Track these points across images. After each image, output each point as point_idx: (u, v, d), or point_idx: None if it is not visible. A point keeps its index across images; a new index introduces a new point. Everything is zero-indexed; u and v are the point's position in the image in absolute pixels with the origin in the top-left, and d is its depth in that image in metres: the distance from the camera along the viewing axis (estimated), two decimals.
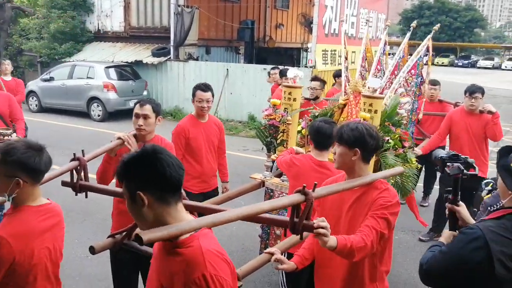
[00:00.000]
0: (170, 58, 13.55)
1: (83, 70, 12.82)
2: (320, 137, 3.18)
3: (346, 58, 5.20)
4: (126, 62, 13.68)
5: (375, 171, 3.44)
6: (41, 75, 14.04)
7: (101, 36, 15.73)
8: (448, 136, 5.57)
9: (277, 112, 4.02)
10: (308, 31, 18.23)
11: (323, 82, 6.21)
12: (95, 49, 15.18)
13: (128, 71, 13.17)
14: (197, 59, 14.26)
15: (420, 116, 5.33)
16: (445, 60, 48.04)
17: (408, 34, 5.07)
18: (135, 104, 3.34)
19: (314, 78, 5.97)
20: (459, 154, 2.30)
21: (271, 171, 4.17)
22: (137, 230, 1.49)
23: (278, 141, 4.07)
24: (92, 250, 2.12)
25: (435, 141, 5.45)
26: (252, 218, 2.04)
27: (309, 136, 3.44)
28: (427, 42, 4.78)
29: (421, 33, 48.06)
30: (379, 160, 3.68)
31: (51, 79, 13.18)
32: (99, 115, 12.52)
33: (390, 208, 2.34)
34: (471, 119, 5.17)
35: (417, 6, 63.17)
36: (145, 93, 13.04)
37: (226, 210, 1.90)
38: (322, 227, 1.96)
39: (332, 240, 2.06)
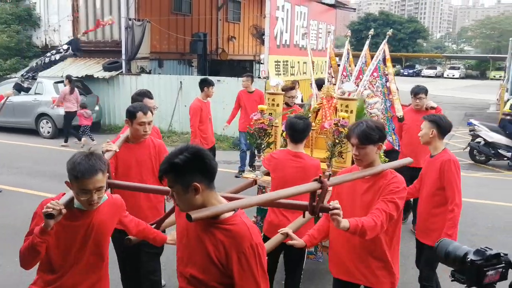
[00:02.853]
0: (122, 72, 13.35)
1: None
2: (294, 131, 3.60)
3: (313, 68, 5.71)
4: (77, 77, 13.36)
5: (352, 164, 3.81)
6: None
7: (49, 51, 15.25)
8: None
9: (265, 117, 4.36)
10: (260, 43, 18.50)
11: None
12: None
13: (79, 86, 12.80)
14: (149, 73, 14.14)
15: (401, 113, 5.64)
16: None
17: (368, 42, 5.63)
18: (135, 112, 3.48)
19: (292, 88, 6.35)
20: (500, 253, 1.57)
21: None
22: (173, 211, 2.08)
23: (267, 142, 4.45)
24: (129, 241, 2.75)
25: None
26: (275, 202, 2.51)
27: (286, 133, 3.78)
28: (383, 46, 5.30)
29: (369, 45, 49.45)
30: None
31: None
32: (48, 132, 12.12)
33: (398, 193, 2.68)
34: (419, 116, 5.48)
35: (363, 18, 65.62)
36: (96, 108, 12.77)
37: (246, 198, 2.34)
38: (337, 209, 2.31)
39: (345, 222, 2.38)
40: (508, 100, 10.05)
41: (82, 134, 11.43)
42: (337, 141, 4.04)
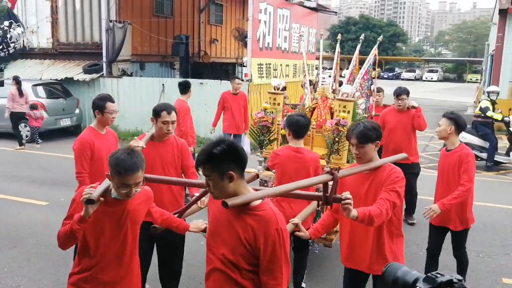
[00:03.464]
0: (102, 74, 13.19)
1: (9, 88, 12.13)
2: (299, 127, 4.00)
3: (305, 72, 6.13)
4: (56, 79, 13.16)
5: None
6: None
7: (27, 53, 15.03)
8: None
9: (268, 115, 4.71)
10: (242, 46, 18.52)
11: None
12: (21, 67, 14.46)
13: (58, 89, 12.64)
14: (131, 75, 14.01)
15: (373, 113, 6.10)
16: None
17: (359, 46, 6.01)
18: (160, 111, 3.76)
19: (284, 88, 6.63)
20: (453, 279, 1.37)
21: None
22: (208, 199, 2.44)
23: (271, 139, 4.78)
24: (155, 230, 3.03)
25: None
26: (293, 193, 2.74)
27: (288, 129, 4.11)
28: (374, 51, 5.80)
29: (348, 47, 50.26)
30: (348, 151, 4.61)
31: None
32: (27, 136, 11.86)
33: (399, 183, 2.95)
34: (401, 116, 6.14)
35: (344, 22, 66.27)
36: (77, 111, 12.58)
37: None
38: (348, 199, 2.55)
39: (354, 211, 2.63)
40: (479, 102, 10.26)
41: (32, 135, 11.26)
42: (336, 139, 4.38)
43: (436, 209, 4.03)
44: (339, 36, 6.50)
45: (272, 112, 4.82)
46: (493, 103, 9.23)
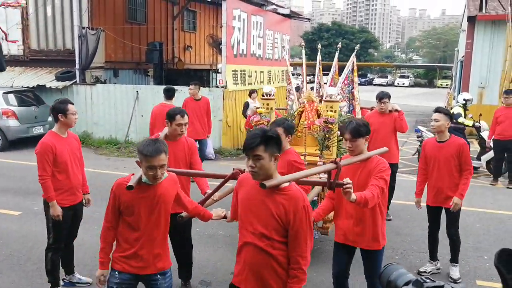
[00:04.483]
0: (76, 82, 13.02)
1: None
2: (292, 128, 4.44)
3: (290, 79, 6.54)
4: (27, 87, 12.92)
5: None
6: None
7: None
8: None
9: (263, 118, 5.21)
10: (217, 52, 18.56)
11: None
12: None
13: (30, 97, 12.40)
14: (105, 82, 13.87)
15: (359, 116, 6.58)
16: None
17: (337, 53, 6.52)
18: (174, 114, 4.21)
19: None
20: (440, 285, 1.40)
21: None
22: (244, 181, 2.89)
23: None
24: (181, 219, 3.41)
25: None
26: (303, 180, 3.24)
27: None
28: (353, 58, 6.42)
29: (321, 54, 50.48)
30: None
31: None
32: None
33: (385, 172, 3.47)
34: (383, 118, 6.54)
35: (317, 29, 67.00)
36: (49, 119, 12.32)
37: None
38: (349, 183, 2.98)
39: (353, 195, 3.05)
40: (451, 108, 10.54)
41: None
42: (326, 135, 4.93)
43: (458, 201, 4.75)
44: (319, 46, 7.08)
45: (266, 116, 5.32)
46: (465, 109, 9.51)
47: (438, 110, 4.86)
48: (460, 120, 9.36)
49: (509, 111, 8.62)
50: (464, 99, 9.62)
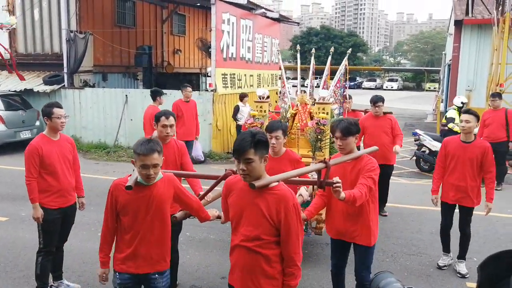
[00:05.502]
0: (64, 85, 12.90)
1: None
2: (287, 129, 4.50)
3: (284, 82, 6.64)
4: (14, 91, 12.77)
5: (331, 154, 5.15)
6: None
7: None
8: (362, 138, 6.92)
9: (257, 121, 5.29)
10: (206, 56, 18.51)
11: None
12: None
13: (17, 101, 12.26)
14: (93, 86, 13.76)
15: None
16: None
17: (330, 58, 6.69)
18: (159, 116, 4.24)
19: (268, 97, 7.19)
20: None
21: None
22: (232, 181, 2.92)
23: None
24: (175, 219, 3.38)
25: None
26: (293, 179, 3.25)
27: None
28: (345, 62, 6.58)
29: (310, 58, 50.61)
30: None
31: None
32: None
33: (374, 171, 3.56)
34: (378, 121, 6.75)
35: (306, 33, 67.25)
36: (37, 123, 12.23)
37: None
38: (339, 183, 3.09)
39: (342, 193, 3.17)
40: (446, 111, 10.60)
41: None
42: (319, 137, 5.03)
43: (491, 205, 4.95)
44: (313, 50, 7.41)
45: (259, 118, 5.40)
46: (460, 112, 9.58)
47: (469, 111, 4.94)
48: (450, 125, 9.42)
49: (496, 114, 8.70)
50: (462, 102, 9.70)
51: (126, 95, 12.35)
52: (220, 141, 12.08)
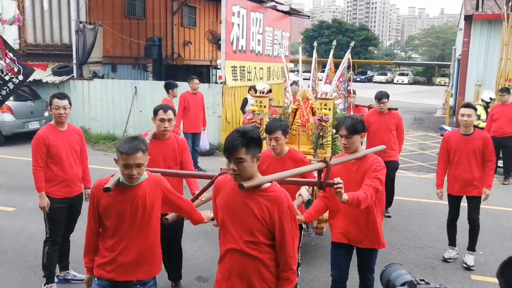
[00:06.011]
0: (73, 76, 12.89)
1: None
2: (287, 128, 4.29)
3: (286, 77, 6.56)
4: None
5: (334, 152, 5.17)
6: None
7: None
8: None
9: (256, 116, 5.09)
10: (216, 48, 18.43)
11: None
12: None
13: (26, 91, 12.26)
14: (102, 77, 13.73)
15: (351, 113, 6.69)
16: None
17: (332, 51, 6.57)
18: (157, 110, 4.09)
19: (270, 91, 7.24)
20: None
21: None
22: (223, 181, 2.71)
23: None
24: (166, 221, 3.18)
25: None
26: (292, 180, 3.10)
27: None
28: (348, 55, 6.42)
29: (321, 51, 50.77)
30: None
31: None
32: None
33: (380, 171, 3.36)
34: (383, 117, 6.61)
35: (317, 26, 66.93)
36: (46, 114, 12.23)
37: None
38: (340, 183, 2.89)
39: (345, 195, 2.96)
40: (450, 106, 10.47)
41: None
42: (320, 134, 4.83)
43: (489, 192, 5.06)
44: (315, 43, 7.19)
45: (259, 114, 5.21)
46: (487, 107, 9.47)
47: (469, 105, 5.02)
48: (475, 122, 9.33)
49: (504, 109, 8.68)
50: (490, 98, 9.58)
51: (135, 87, 12.30)
52: (229, 133, 12.01)
